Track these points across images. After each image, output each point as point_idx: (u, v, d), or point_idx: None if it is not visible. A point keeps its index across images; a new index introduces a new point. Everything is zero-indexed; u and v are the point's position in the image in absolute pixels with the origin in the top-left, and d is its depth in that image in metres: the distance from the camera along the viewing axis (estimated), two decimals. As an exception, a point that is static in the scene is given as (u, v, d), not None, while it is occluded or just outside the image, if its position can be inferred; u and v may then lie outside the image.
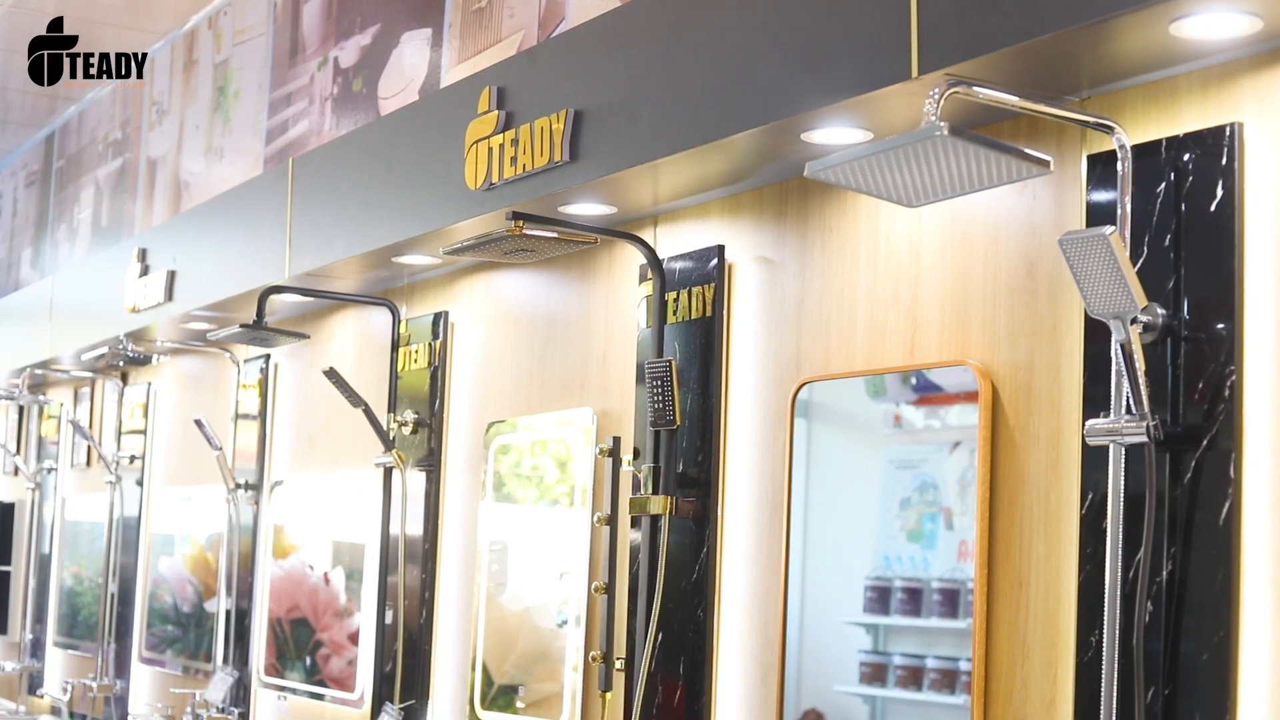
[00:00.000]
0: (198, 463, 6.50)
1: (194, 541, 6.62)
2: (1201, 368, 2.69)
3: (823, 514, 3.47)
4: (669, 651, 3.80)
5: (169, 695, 6.66)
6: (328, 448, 5.62)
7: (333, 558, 5.51)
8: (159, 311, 6.20)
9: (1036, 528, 2.99)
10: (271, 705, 5.85)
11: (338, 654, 5.39)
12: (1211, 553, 2.65)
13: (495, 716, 4.51)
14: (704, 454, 3.77)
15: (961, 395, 3.17)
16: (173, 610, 6.75)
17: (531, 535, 4.51)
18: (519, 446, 4.55)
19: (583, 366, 4.31)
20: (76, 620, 7.84)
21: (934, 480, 3.22)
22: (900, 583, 3.27)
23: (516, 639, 4.47)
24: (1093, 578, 2.82)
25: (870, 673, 3.33)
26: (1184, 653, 2.68)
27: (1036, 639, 2.96)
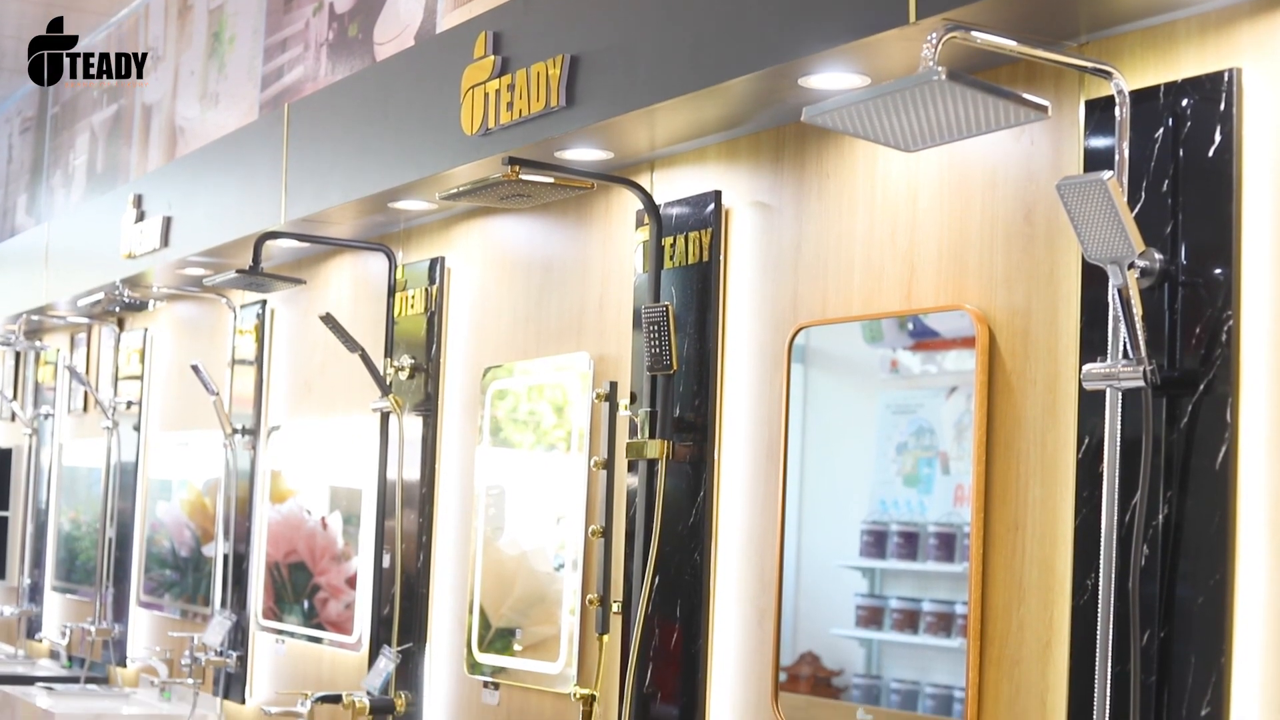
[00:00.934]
0: (194, 408, 6.50)
1: (191, 486, 6.64)
2: (1199, 313, 2.70)
3: (819, 459, 3.48)
4: (666, 595, 3.82)
5: (167, 639, 6.69)
6: (324, 393, 5.62)
7: (330, 502, 5.52)
8: (155, 258, 6.19)
9: (1033, 472, 3.00)
10: (269, 648, 5.87)
11: (335, 598, 5.41)
12: (1208, 497, 2.66)
13: (493, 659, 4.53)
14: (700, 399, 3.77)
15: (958, 340, 3.18)
16: (170, 555, 6.77)
17: (528, 480, 4.52)
18: (516, 391, 4.56)
19: (579, 312, 4.32)
20: (74, 565, 7.87)
21: (930, 425, 3.23)
22: (896, 527, 3.28)
23: (514, 583, 4.49)
24: (1089, 521, 2.83)
25: (866, 616, 3.35)
26: (1180, 596, 2.69)
27: (1032, 582, 2.98)
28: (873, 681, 3.33)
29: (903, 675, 3.28)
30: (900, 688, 3.28)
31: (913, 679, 3.25)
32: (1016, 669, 3.00)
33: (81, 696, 6.86)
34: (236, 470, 6.13)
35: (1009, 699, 3.00)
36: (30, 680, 7.32)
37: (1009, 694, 3.01)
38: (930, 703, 3.19)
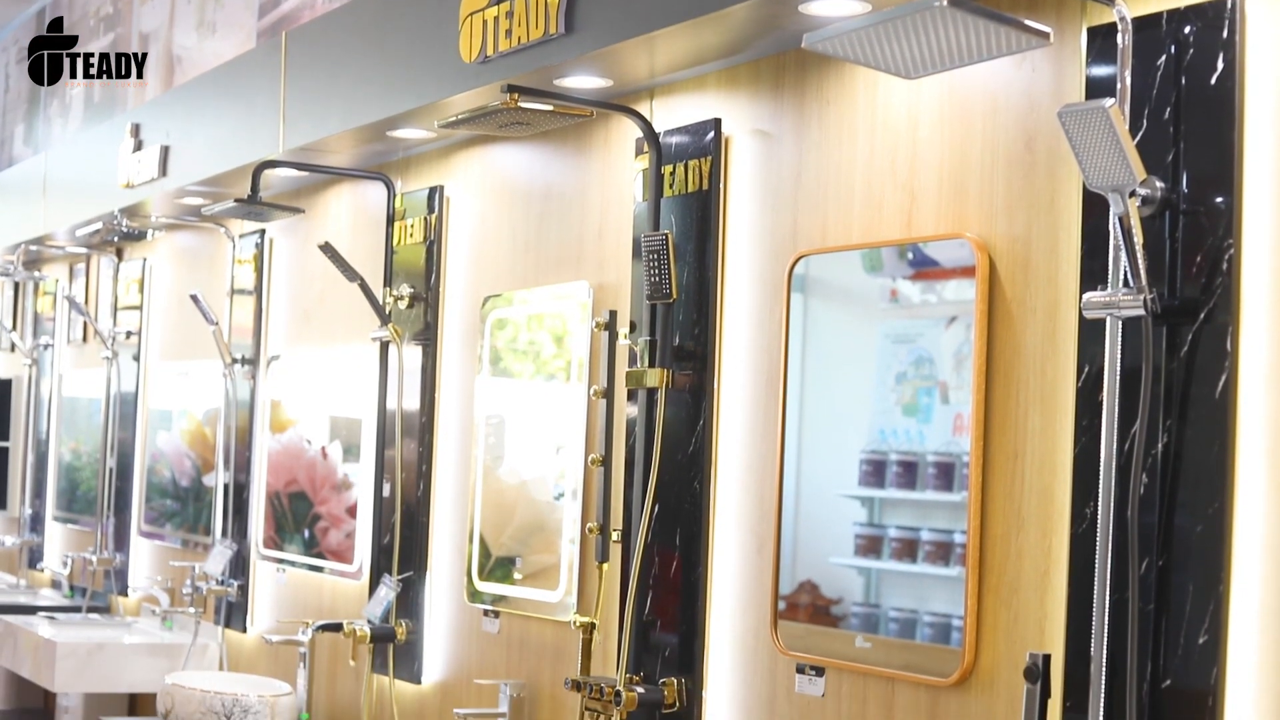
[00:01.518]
0: (194, 338, 6.50)
1: (191, 416, 6.64)
2: (1199, 241, 2.69)
3: (819, 388, 3.48)
4: (665, 523, 3.83)
5: (168, 568, 6.71)
6: (324, 322, 5.62)
7: (330, 432, 5.53)
8: (153, 187, 6.17)
9: (1032, 401, 3.00)
10: (270, 577, 5.89)
11: (336, 527, 5.43)
12: (1207, 426, 2.66)
13: (493, 587, 4.54)
14: (700, 327, 3.77)
15: (958, 270, 3.17)
16: (171, 484, 6.78)
17: (528, 409, 4.52)
18: (515, 321, 4.55)
19: (579, 240, 4.31)
20: (75, 495, 7.88)
21: (930, 355, 3.22)
22: (896, 456, 3.28)
23: (514, 512, 4.50)
24: (1088, 450, 2.83)
25: (865, 545, 3.36)
26: (1178, 525, 2.70)
27: (1031, 511, 2.98)
28: (871, 610, 3.34)
29: (901, 604, 3.29)
30: (899, 616, 3.29)
31: (911, 608, 3.26)
32: (1015, 597, 3.00)
33: (83, 626, 6.89)
34: (236, 400, 6.14)
35: (1007, 627, 3.01)
36: (32, 610, 7.35)
37: (1007, 622, 3.02)
38: (929, 631, 3.20)
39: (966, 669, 3.07)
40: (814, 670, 3.44)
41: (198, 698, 5.12)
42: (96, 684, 6.37)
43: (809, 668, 3.45)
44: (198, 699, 5.12)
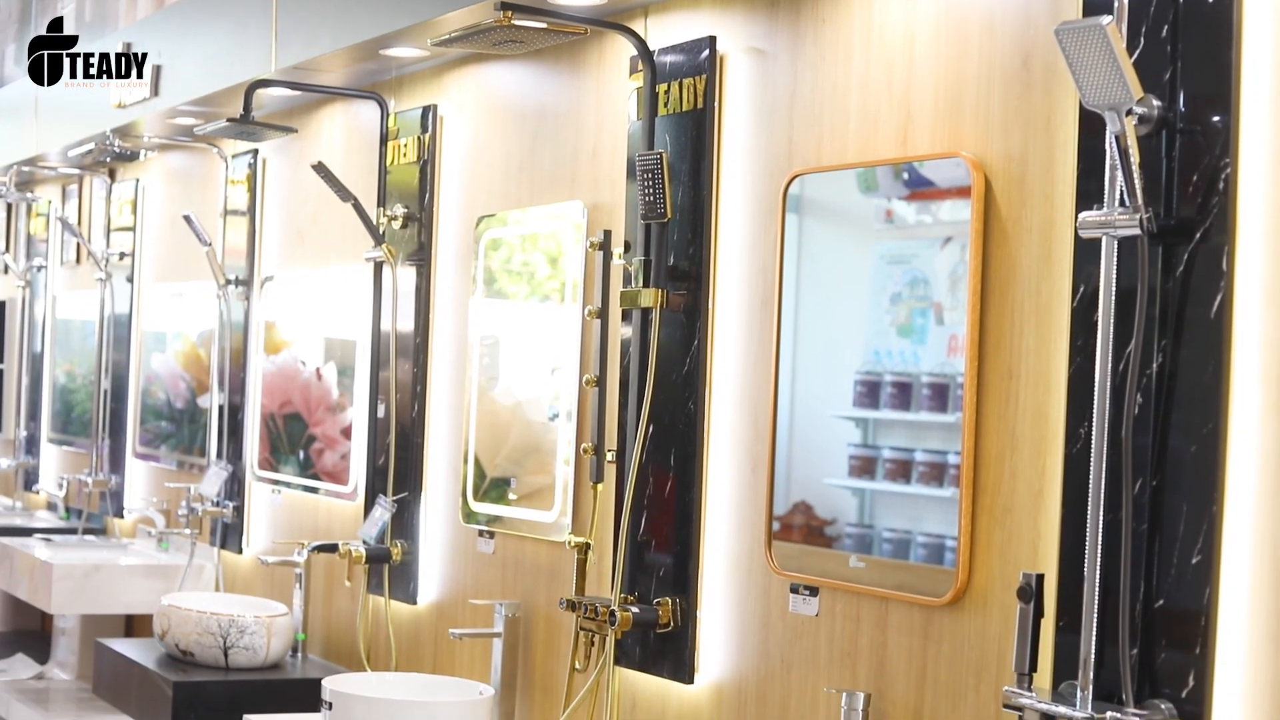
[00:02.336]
0: (188, 259, 6.49)
1: (186, 338, 6.63)
2: (1196, 160, 2.68)
3: (813, 309, 3.47)
4: (660, 443, 3.83)
5: (163, 489, 6.72)
6: (317, 243, 5.60)
7: (324, 353, 5.52)
8: (145, 107, 6.13)
9: (1027, 320, 2.99)
10: (265, 499, 5.90)
11: (331, 448, 5.43)
12: (1202, 346, 2.66)
13: (488, 508, 4.55)
14: (695, 247, 3.76)
15: (954, 190, 3.15)
16: (166, 406, 6.78)
17: (522, 330, 4.52)
18: (509, 242, 4.54)
19: (573, 160, 4.29)
20: (70, 417, 7.88)
21: (925, 276, 3.21)
22: (890, 377, 3.28)
23: (508, 433, 4.50)
24: (1083, 370, 2.83)
25: (859, 466, 3.36)
26: (1172, 445, 2.69)
27: (1025, 431, 2.98)
28: (865, 531, 3.35)
29: (895, 525, 3.30)
30: (892, 537, 3.29)
31: (905, 528, 3.27)
32: (1008, 517, 3.01)
33: (79, 547, 6.91)
34: (230, 321, 6.13)
35: (1001, 547, 3.02)
36: (28, 532, 7.36)
37: (1001, 542, 3.02)
38: (922, 552, 3.21)
39: (960, 589, 3.08)
40: (808, 590, 3.45)
41: (194, 618, 5.14)
42: (93, 605, 6.39)
43: (803, 588, 3.46)
44: (194, 620, 5.14)
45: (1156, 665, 2.68)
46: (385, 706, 4.14)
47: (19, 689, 7.01)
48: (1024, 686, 2.78)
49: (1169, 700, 2.66)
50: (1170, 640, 2.67)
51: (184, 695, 4.94)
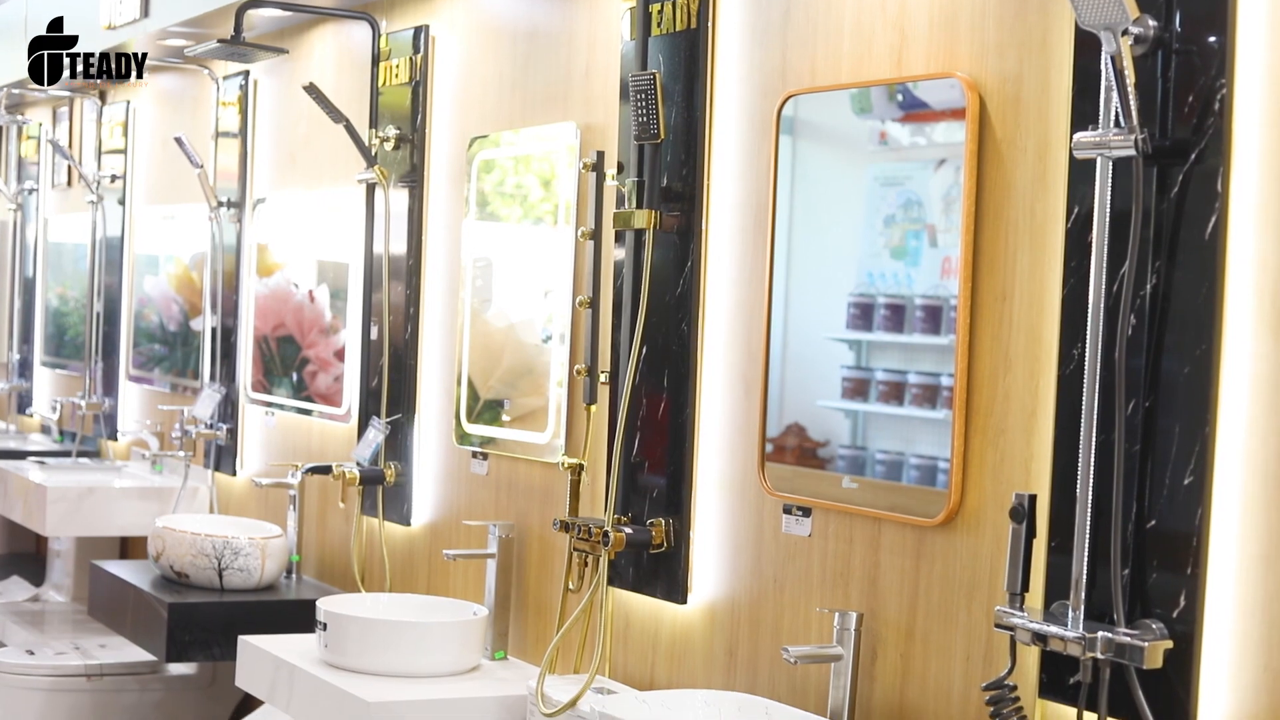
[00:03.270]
0: (179, 181, 6.47)
1: (178, 261, 6.62)
2: (1192, 81, 2.66)
3: (807, 231, 3.47)
4: (653, 365, 3.83)
5: (157, 412, 6.72)
6: (309, 165, 5.58)
7: (317, 275, 5.51)
8: (135, 28, 6.10)
9: (1021, 241, 2.98)
10: (259, 421, 5.91)
11: (324, 370, 5.43)
12: (1195, 267, 2.66)
13: (481, 430, 4.56)
14: (688, 168, 3.74)
15: (948, 112, 3.14)
16: (159, 329, 6.78)
17: (516, 253, 4.51)
18: (502, 164, 4.52)
19: (565, 81, 4.27)
20: (63, 340, 7.88)
21: (919, 198, 3.21)
22: (883, 299, 3.28)
23: (501, 355, 4.50)
24: (1076, 291, 2.82)
25: (852, 388, 3.36)
26: (1165, 366, 2.70)
27: (1019, 352, 2.98)
28: (858, 452, 3.35)
29: (888, 446, 3.30)
30: (885, 459, 3.30)
31: (898, 450, 3.27)
32: (1001, 438, 3.01)
33: (73, 470, 6.92)
34: (222, 244, 6.11)
35: (993, 468, 3.03)
36: (22, 455, 7.37)
37: (994, 462, 3.03)
38: (915, 473, 3.22)
39: (952, 509, 3.09)
40: (800, 511, 3.46)
41: (188, 540, 5.16)
42: (87, 528, 6.41)
43: (795, 508, 3.47)
44: (188, 541, 5.15)
45: (1148, 585, 2.70)
46: (380, 627, 4.16)
47: (14, 611, 7.05)
48: (1016, 606, 2.79)
49: (1160, 620, 2.67)
50: (1162, 560, 2.68)
51: (179, 617, 4.96)
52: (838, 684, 3.26)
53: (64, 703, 5.73)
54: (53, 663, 5.79)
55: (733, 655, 3.65)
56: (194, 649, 5.01)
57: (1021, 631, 2.77)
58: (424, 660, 4.15)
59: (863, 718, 3.28)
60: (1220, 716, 2.63)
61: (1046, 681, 2.87)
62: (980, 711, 3.03)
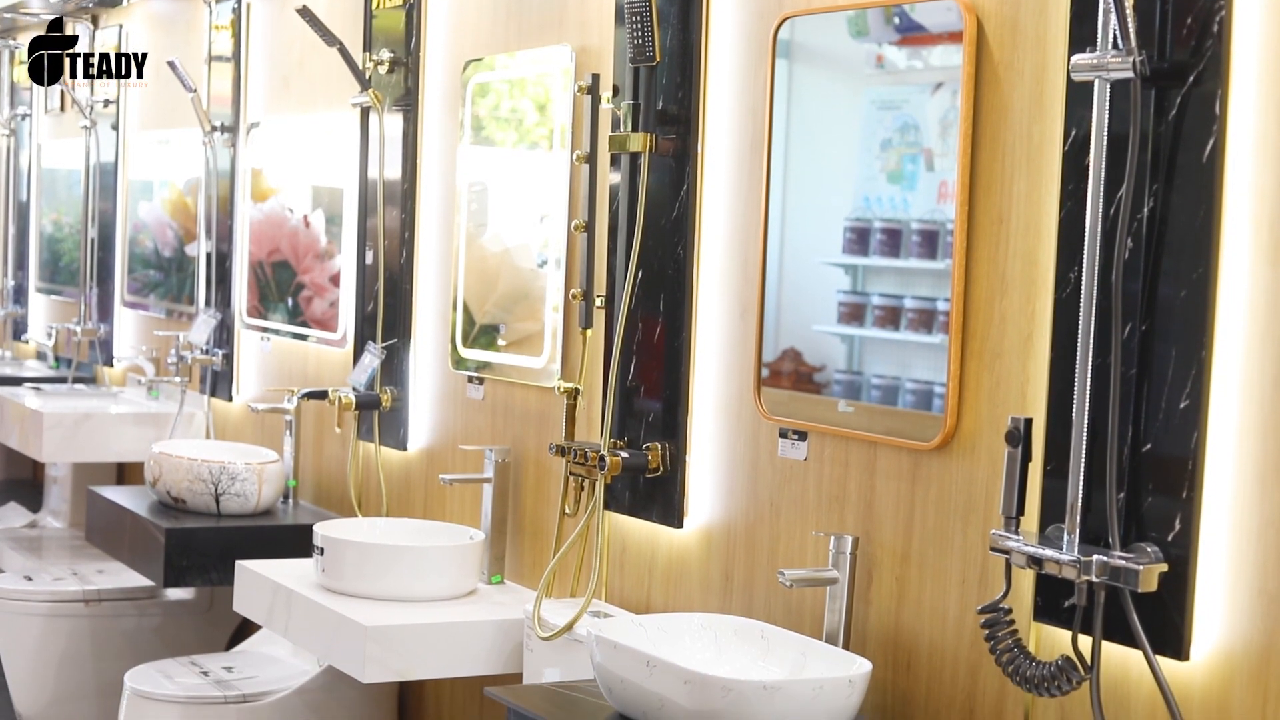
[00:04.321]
0: (173, 106, 6.44)
1: (172, 186, 6.60)
2: (1190, 3, 2.65)
3: (803, 155, 3.45)
4: (649, 289, 3.82)
5: (153, 338, 6.72)
6: (303, 89, 5.56)
7: (312, 200, 5.50)
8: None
9: (1018, 164, 2.97)
10: (255, 346, 5.90)
11: (319, 295, 5.42)
12: (1193, 191, 2.65)
13: (477, 354, 4.55)
14: (684, 91, 3.73)
15: (945, 35, 3.12)
16: (154, 255, 6.76)
17: (511, 177, 4.49)
18: (497, 88, 4.50)
19: (560, 3, 4.24)
20: (58, 267, 7.86)
21: (915, 121, 3.19)
22: (880, 224, 3.27)
23: (497, 279, 4.49)
24: (1073, 215, 2.82)
25: (848, 312, 3.36)
26: (1161, 290, 2.69)
27: (1015, 275, 2.98)
28: (854, 377, 3.35)
29: (884, 371, 3.30)
30: (881, 383, 3.30)
31: (893, 375, 3.27)
32: (997, 362, 3.01)
33: (70, 396, 6.92)
34: (216, 169, 6.09)
35: (989, 391, 3.03)
36: (18, 381, 7.37)
37: (989, 386, 3.03)
38: (911, 398, 3.21)
39: (948, 433, 3.09)
40: (796, 435, 3.46)
41: (185, 466, 5.16)
42: (84, 454, 6.42)
43: (791, 432, 3.47)
44: (185, 467, 5.16)
45: (1143, 509, 2.70)
46: (376, 552, 4.18)
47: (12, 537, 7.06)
48: (1011, 530, 2.80)
49: (1155, 544, 2.68)
50: (1157, 484, 2.68)
51: (176, 542, 4.97)
52: (833, 607, 3.27)
53: (62, 628, 5.76)
54: (51, 588, 5.81)
55: (729, 579, 3.66)
56: (191, 574, 5.02)
57: (1017, 555, 2.78)
58: (421, 584, 4.16)
59: (858, 641, 3.29)
60: (1214, 639, 2.64)
61: (1041, 605, 2.88)
62: (975, 635, 3.04)
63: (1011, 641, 2.82)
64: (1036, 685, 2.78)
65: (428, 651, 3.99)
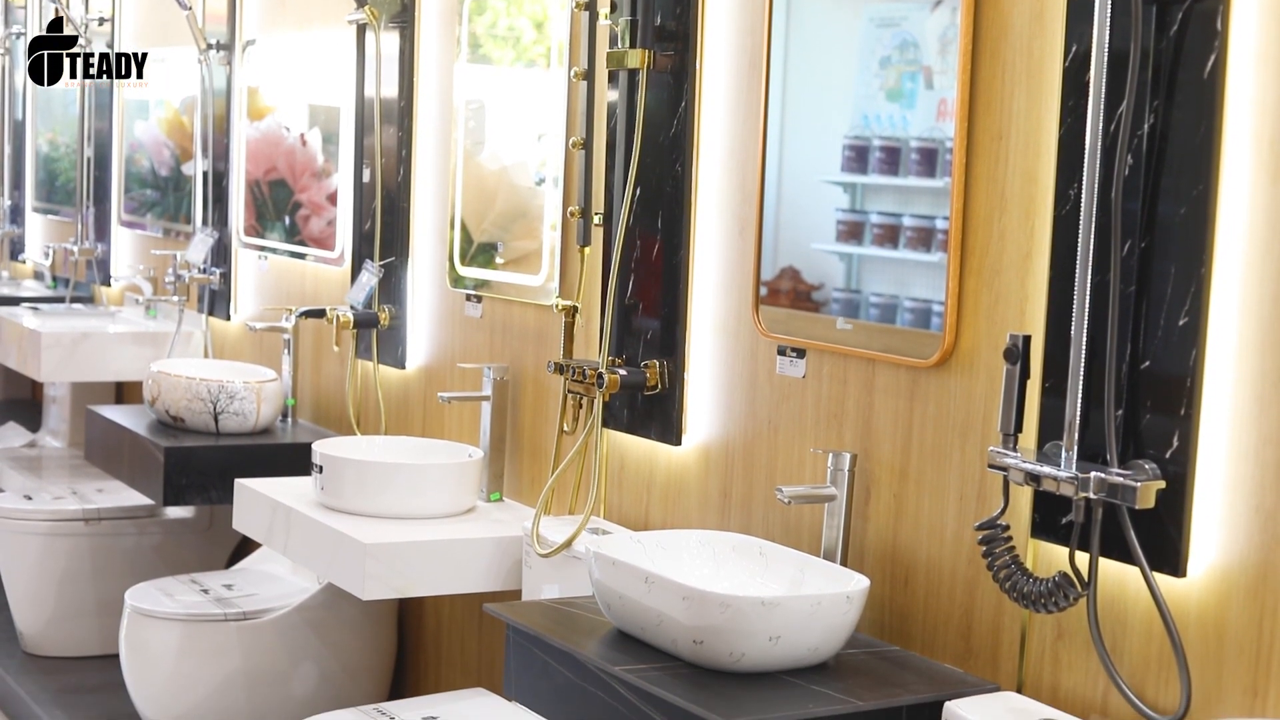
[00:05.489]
0: (168, 24, 6.40)
1: (168, 105, 6.57)
2: (1193, -84, 2.63)
3: (802, 72, 3.44)
4: (647, 207, 3.81)
5: (150, 257, 6.71)
6: (299, 6, 5.52)
7: (309, 119, 5.47)
8: None
9: (1018, 81, 2.96)
10: (252, 265, 5.89)
11: (317, 214, 5.41)
12: (1194, 108, 2.64)
13: (475, 272, 4.55)
14: (682, 7, 3.70)
15: (946, -50, 3.10)
16: (150, 174, 6.74)
17: (508, 95, 4.47)
18: (494, 5, 4.47)
19: (559, -80, 4.21)
20: (54, 186, 7.84)
21: (914, 39, 3.17)
22: (879, 142, 3.26)
23: (495, 197, 4.48)
24: (1073, 131, 2.80)
25: (847, 231, 3.35)
26: (1161, 207, 2.68)
27: (1015, 193, 2.97)
28: (852, 295, 3.35)
29: (882, 289, 3.30)
30: (879, 301, 3.29)
31: (892, 293, 3.27)
32: (996, 279, 3.01)
33: (67, 316, 6.92)
34: (212, 87, 6.06)
35: (988, 308, 3.02)
36: (15, 301, 7.36)
37: (988, 303, 3.02)
38: (909, 316, 3.21)
39: (946, 350, 3.09)
40: (795, 352, 3.46)
41: (183, 385, 5.17)
42: (82, 373, 6.42)
43: (790, 350, 3.47)
44: (183, 386, 5.16)
45: (1141, 426, 2.71)
46: (375, 469, 4.19)
47: (12, 457, 7.08)
48: (1009, 447, 2.80)
49: (1153, 461, 2.68)
50: (1155, 402, 2.69)
51: (175, 460, 4.98)
52: (831, 524, 3.28)
53: (62, 547, 5.78)
54: (50, 508, 5.82)
55: (727, 496, 3.67)
56: (191, 493, 5.04)
57: (1015, 472, 2.78)
58: (420, 502, 4.18)
59: (856, 557, 3.31)
60: (1212, 556, 2.65)
61: (1039, 521, 2.89)
62: (973, 551, 3.05)
63: (1009, 558, 2.84)
64: (1033, 601, 2.79)
65: (427, 569, 4.01)
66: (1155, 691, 2.73)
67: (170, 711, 4.73)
